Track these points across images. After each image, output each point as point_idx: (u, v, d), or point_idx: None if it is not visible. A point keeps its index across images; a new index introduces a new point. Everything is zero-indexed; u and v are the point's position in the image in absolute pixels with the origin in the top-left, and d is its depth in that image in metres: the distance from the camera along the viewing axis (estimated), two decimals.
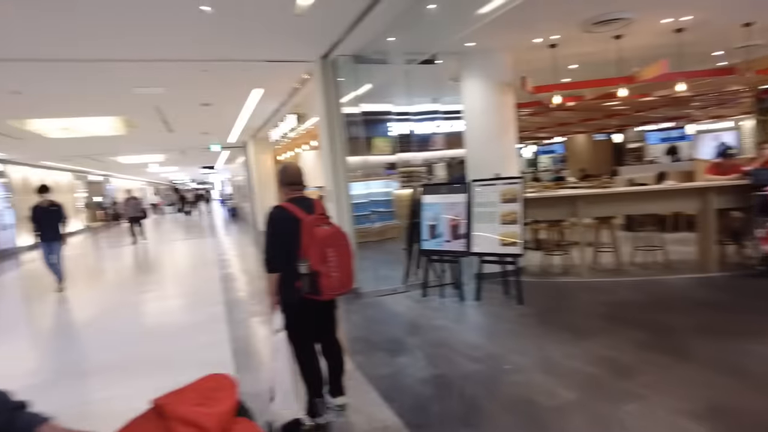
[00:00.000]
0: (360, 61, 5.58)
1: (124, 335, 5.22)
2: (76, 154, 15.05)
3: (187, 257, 11.51)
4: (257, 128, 12.25)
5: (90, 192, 25.92)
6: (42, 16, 3.87)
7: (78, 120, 9.64)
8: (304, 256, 2.65)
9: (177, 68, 5.66)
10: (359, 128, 5.86)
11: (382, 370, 3.70)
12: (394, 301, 5.60)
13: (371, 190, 6.14)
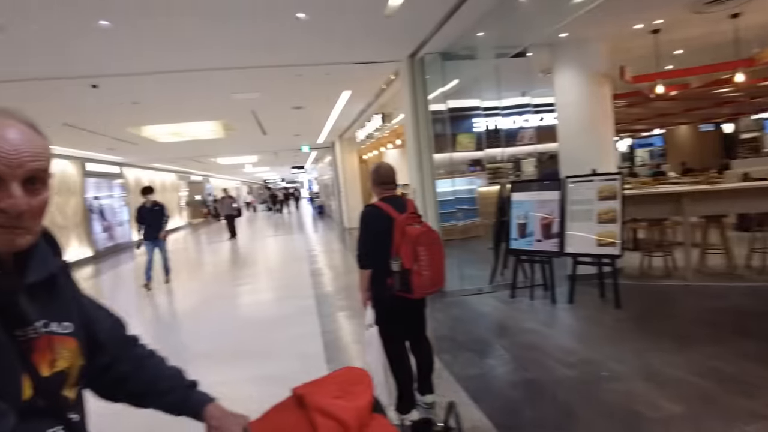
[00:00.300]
0: (447, 57, 5.54)
1: (223, 325, 5.61)
2: (181, 157, 16.40)
3: (278, 252, 12.10)
4: (344, 129, 12.59)
5: (191, 191, 28.14)
6: (155, 33, 4.25)
7: (184, 125, 10.50)
8: (396, 253, 2.69)
9: (272, 74, 5.96)
10: (445, 125, 5.82)
11: (470, 371, 3.66)
12: (479, 302, 5.51)
13: (455, 188, 6.08)
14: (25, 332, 0.86)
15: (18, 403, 0.81)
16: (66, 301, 0.99)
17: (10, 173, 0.80)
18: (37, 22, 3.78)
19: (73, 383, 0.95)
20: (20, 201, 0.81)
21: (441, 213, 6.07)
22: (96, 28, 3.96)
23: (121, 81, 5.64)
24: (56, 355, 0.90)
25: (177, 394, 1.11)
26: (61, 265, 1.00)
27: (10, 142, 0.81)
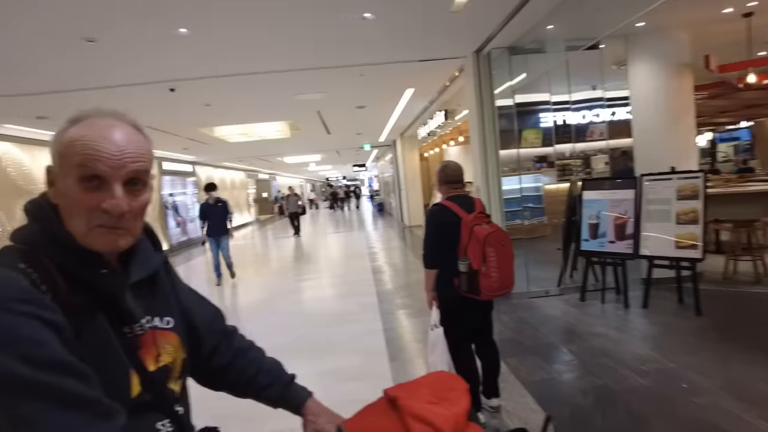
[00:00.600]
0: (515, 52, 5.39)
1: (287, 319, 5.77)
2: (250, 156, 17.04)
3: (340, 249, 12.31)
4: (405, 127, 12.60)
5: (259, 189, 29.25)
6: (227, 38, 4.43)
7: (252, 126, 10.91)
8: (463, 254, 2.65)
9: (337, 74, 6.05)
10: (511, 121, 5.67)
11: (536, 375, 3.55)
12: (546, 304, 5.33)
13: (521, 185, 5.90)
14: (132, 329, 0.88)
15: (127, 400, 0.83)
16: (167, 296, 1.01)
17: (112, 174, 0.81)
18: (123, 33, 4.05)
19: (177, 376, 0.96)
20: (122, 202, 0.81)
21: (506, 211, 5.92)
22: (175, 36, 4.19)
23: (195, 84, 5.93)
24: (160, 350, 0.92)
25: (277, 387, 1.13)
26: (162, 261, 1.01)
27: (115, 143, 0.82)
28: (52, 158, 0.85)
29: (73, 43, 4.12)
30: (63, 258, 0.80)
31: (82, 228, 0.81)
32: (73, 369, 0.72)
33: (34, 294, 0.73)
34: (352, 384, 3.68)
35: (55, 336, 0.72)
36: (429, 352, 2.72)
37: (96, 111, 0.85)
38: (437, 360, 2.65)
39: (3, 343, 0.68)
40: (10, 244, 0.83)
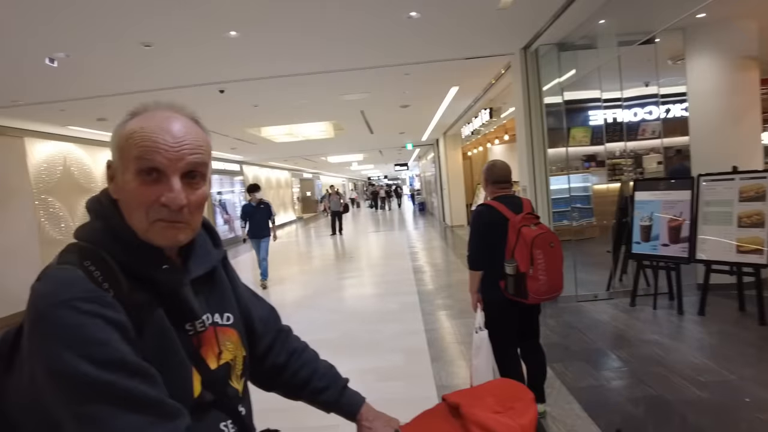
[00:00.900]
0: (564, 48, 5.23)
1: (330, 317, 5.82)
2: (295, 155, 17.35)
3: (381, 248, 12.34)
4: (448, 125, 12.49)
5: (303, 188, 29.77)
6: (275, 39, 4.51)
7: (298, 126, 11.10)
8: (510, 256, 2.60)
9: (381, 74, 6.06)
10: (559, 119, 5.52)
11: (583, 382, 3.44)
12: (595, 308, 5.16)
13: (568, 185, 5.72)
14: (194, 326, 0.86)
15: (190, 400, 0.81)
16: (226, 292, 0.99)
17: (170, 166, 0.80)
18: (177, 37, 4.20)
19: (238, 375, 0.95)
20: (180, 195, 0.80)
21: (554, 212, 5.78)
22: (225, 39, 4.30)
23: (243, 86, 6.09)
24: (221, 347, 0.90)
25: (332, 392, 1.10)
26: (222, 257, 1.00)
27: (173, 135, 0.80)
28: (112, 153, 0.84)
29: (132, 48, 4.31)
30: (124, 255, 0.80)
31: (142, 223, 0.81)
32: (137, 369, 0.71)
33: (98, 292, 0.73)
34: (394, 383, 3.68)
35: (119, 335, 0.71)
36: (474, 355, 2.67)
37: (155, 104, 0.85)
38: (482, 363, 2.60)
39: (68, 342, 0.67)
40: (74, 242, 0.83)
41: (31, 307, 0.71)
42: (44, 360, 0.68)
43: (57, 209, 8.17)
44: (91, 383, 0.67)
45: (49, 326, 0.68)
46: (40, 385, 0.69)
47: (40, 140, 7.87)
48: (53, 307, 0.69)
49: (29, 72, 4.74)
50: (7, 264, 7.02)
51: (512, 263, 2.58)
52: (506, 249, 2.63)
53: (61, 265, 0.76)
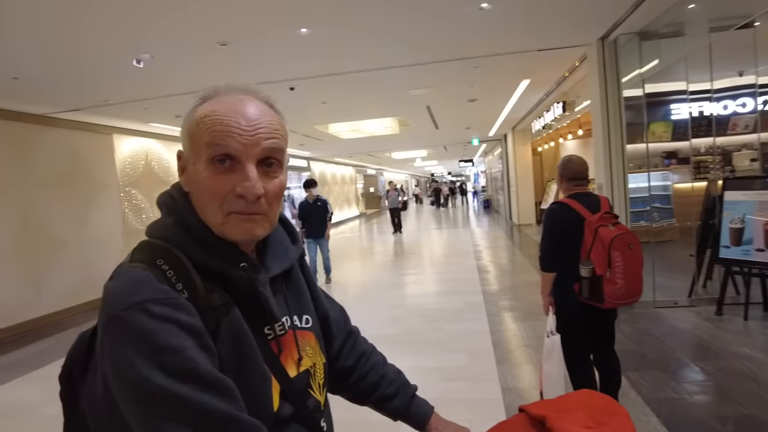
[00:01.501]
0: (646, 37, 4.89)
1: (392, 313, 5.81)
2: (359, 152, 17.56)
3: (445, 246, 12.21)
4: (518, 120, 12.13)
5: (366, 184, 30.14)
6: (345, 36, 4.55)
7: (363, 122, 11.20)
8: (586, 257, 2.46)
9: (449, 67, 5.97)
10: (638, 113, 5.17)
11: (662, 394, 3.21)
12: (675, 316, 4.81)
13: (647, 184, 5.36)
14: (273, 329, 0.79)
15: (270, 415, 0.74)
16: (304, 293, 0.92)
17: (245, 153, 0.73)
18: (251, 36, 4.34)
19: (319, 384, 0.87)
20: (257, 184, 0.73)
21: (631, 212, 5.44)
22: (297, 36, 4.39)
23: (313, 83, 6.20)
24: (301, 353, 0.83)
25: (401, 400, 1.03)
26: (300, 254, 0.93)
27: (248, 118, 0.74)
28: (182, 142, 0.78)
29: (208, 47, 4.50)
30: (199, 252, 0.74)
31: (216, 216, 0.74)
32: (212, 381, 0.65)
33: (171, 294, 0.68)
34: (457, 384, 3.62)
35: (193, 341, 0.66)
36: (544, 360, 2.56)
37: (226, 87, 0.79)
38: (553, 369, 2.49)
39: (139, 350, 0.63)
40: (146, 239, 0.78)
41: (103, 308, 0.67)
42: (115, 367, 0.64)
43: (139, 201, 8.76)
44: (162, 396, 0.62)
45: (120, 331, 0.64)
46: (112, 389, 0.66)
47: (125, 136, 8.45)
48: (125, 310, 0.64)
49: (119, 73, 5.08)
50: (95, 252, 7.61)
51: (588, 265, 2.43)
52: (581, 250, 2.49)
53: (133, 264, 0.72)
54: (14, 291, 6.21)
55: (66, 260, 7.06)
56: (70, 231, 7.16)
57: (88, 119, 7.32)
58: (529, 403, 0.85)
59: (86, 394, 0.74)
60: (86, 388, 0.74)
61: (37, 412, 3.73)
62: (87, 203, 7.51)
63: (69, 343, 0.84)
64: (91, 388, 0.72)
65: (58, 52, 4.31)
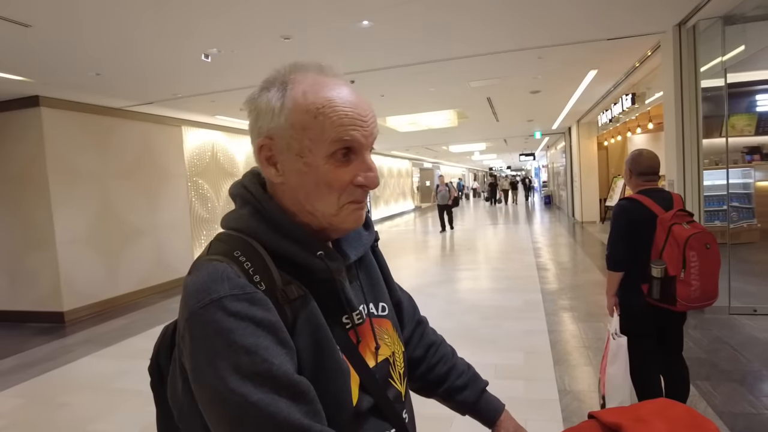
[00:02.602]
0: (731, 21, 4.50)
1: (447, 307, 5.78)
2: (416, 144, 17.48)
3: (502, 242, 11.95)
4: (583, 112, 11.64)
5: (422, 177, 30.02)
6: (407, 27, 4.51)
7: (421, 115, 11.13)
8: (657, 257, 2.33)
9: (512, 58, 5.79)
10: (718, 105, 4.80)
11: (737, 407, 2.98)
12: (753, 324, 4.46)
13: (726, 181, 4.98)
14: (351, 318, 0.77)
15: (349, 410, 0.72)
16: (378, 279, 0.90)
17: (366, 144, 0.73)
18: (315, 29, 4.40)
19: (400, 374, 0.84)
20: (377, 173, 0.74)
21: (706, 211, 5.08)
22: (358, 29, 4.41)
23: (372, 75, 6.21)
24: (379, 342, 0.80)
25: (471, 393, 0.99)
26: (374, 240, 0.90)
27: (362, 108, 0.73)
28: (274, 132, 0.73)
29: (272, 41, 4.61)
30: (278, 241, 0.73)
31: (331, 207, 0.73)
32: (286, 385, 0.64)
33: (248, 288, 0.66)
34: (513, 382, 3.54)
35: (270, 339, 0.65)
36: (609, 363, 2.44)
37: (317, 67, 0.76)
38: (619, 373, 2.37)
39: (216, 349, 0.62)
40: (222, 231, 0.77)
41: (183, 304, 0.68)
42: (192, 365, 0.65)
43: (205, 191, 9.17)
44: (235, 402, 0.61)
45: (198, 329, 0.64)
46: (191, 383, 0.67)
47: (193, 128, 8.86)
48: (203, 308, 0.64)
49: (188, 67, 5.32)
50: (166, 238, 8.06)
51: (660, 264, 2.30)
52: (653, 249, 2.36)
53: (211, 257, 0.71)
54: (93, 273, 6.69)
55: (139, 245, 7.52)
56: (142, 218, 7.62)
57: (159, 112, 7.73)
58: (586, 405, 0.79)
59: (169, 385, 0.76)
60: (170, 379, 0.76)
61: (109, 386, 4.00)
62: (157, 192, 7.96)
63: (141, 322, 0.88)
64: (173, 379, 0.74)
65: (135, 49, 4.57)
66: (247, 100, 0.78)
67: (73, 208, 6.44)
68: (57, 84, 5.60)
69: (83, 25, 3.88)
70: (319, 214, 0.74)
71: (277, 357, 0.64)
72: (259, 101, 0.75)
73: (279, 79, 0.75)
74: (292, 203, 0.75)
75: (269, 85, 0.75)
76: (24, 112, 6.10)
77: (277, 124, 0.72)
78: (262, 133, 0.74)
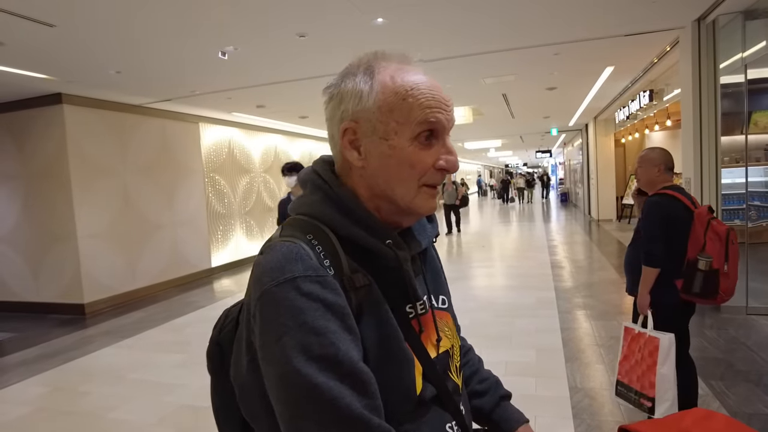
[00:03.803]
0: (753, 16, 4.42)
1: (460, 304, 5.78)
2: None
3: (516, 240, 11.88)
4: (600, 109, 11.51)
5: None
6: (422, 26, 4.53)
7: None
8: (700, 251, 2.38)
9: (528, 55, 5.76)
10: (738, 101, 4.72)
11: (752, 407, 2.96)
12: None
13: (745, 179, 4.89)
14: (415, 308, 0.77)
15: (413, 398, 0.72)
16: (439, 272, 0.90)
17: (447, 127, 0.74)
18: (329, 27, 4.43)
19: (457, 367, 0.84)
20: (457, 158, 0.75)
21: (724, 209, 5.01)
22: (373, 26, 4.44)
23: None
24: (440, 333, 0.80)
25: (492, 398, 0.97)
26: (436, 233, 0.90)
27: (444, 94, 0.74)
28: (360, 115, 0.74)
29: (288, 39, 4.66)
30: (350, 227, 0.73)
31: (410, 191, 0.74)
32: (350, 371, 0.64)
33: (320, 271, 0.67)
34: (525, 379, 3.55)
35: (338, 323, 0.65)
36: (660, 363, 2.40)
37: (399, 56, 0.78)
38: (670, 372, 2.37)
39: (288, 327, 0.63)
40: (294, 216, 0.78)
41: (255, 283, 0.68)
42: (263, 342, 0.66)
43: (222, 186, 9.29)
44: (299, 383, 0.62)
45: (271, 307, 0.65)
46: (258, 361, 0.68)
47: (210, 125, 8.98)
48: (277, 286, 0.65)
49: (206, 65, 5.40)
50: (183, 233, 8.20)
51: (707, 258, 2.33)
52: (690, 244, 2.40)
53: (285, 238, 0.71)
54: (113, 266, 6.85)
55: (158, 240, 7.66)
56: (161, 213, 7.77)
57: (178, 108, 7.85)
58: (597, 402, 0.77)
59: (233, 365, 0.76)
60: (233, 359, 0.76)
61: (128, 376, 4.11)
62: (175, 187, 8.09)
63: (159, 314, 0.90)
64: (238, 359, 0.74)
65: (155, 48, 4.66)
66: (328, 87, 0.79)
67: (94, 203, 6.59)
68: (79, 82, 5.74)
69: (105, 24, 3.97)
70: (398, 197, 0.74)
71: (343, 342, 0.64)
72: (343, 86, 0.76)
73: (363, 65, 0.76)
74: (367, 188, 0.76)
75: (353, 71, 0.77)
76: (47, 110, 6.26)
77: (364, 107, 0.73)
78: (347, 116, 0.75)
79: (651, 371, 2.41)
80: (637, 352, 2.49)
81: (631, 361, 2.53)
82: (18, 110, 6.40)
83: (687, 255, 2.40)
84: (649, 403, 2.40)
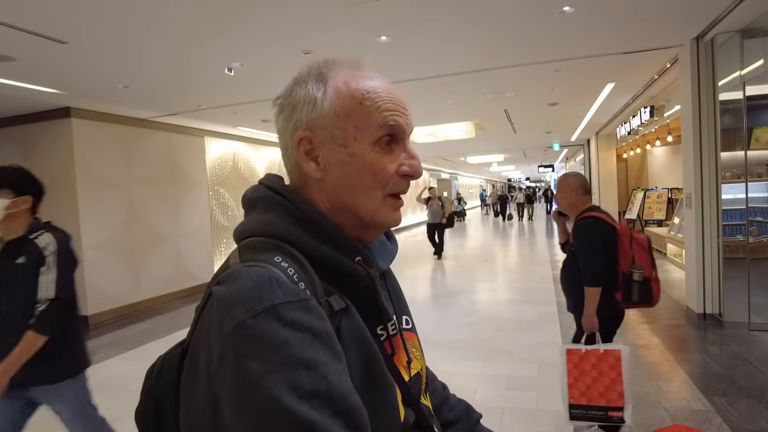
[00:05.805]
0: (750, 35, 4.49)
1: (462, 318, 5.78)
2: (434, 155, 17.53)
3: (518, 255, 11.88)
4: (602, 125, 11.58)
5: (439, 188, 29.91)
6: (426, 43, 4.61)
7: (439, 126, 11.20)
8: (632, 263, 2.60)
9: (529, 72, 5.84)
10: (737, 117, 4.78)
11: (755, 424, 2.96)
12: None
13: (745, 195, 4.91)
14: (386, 329, 0.71)
15: (399, 425, 0.66)
16: (400, 292, 0.85)
17: (407, 131, 0.71)
18: (334, 44, 4.51)
19: (424, 389, 0.78)
20: (420, 162, 0.71)
21: (725, 225, 5.03)
22: (377, 44, 4.52)
23: None
24: (410, 355, 0.74)
25: (466, 425, 0.91)
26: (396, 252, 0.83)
27: (401, 98, 0.70)
28: (311, 122, 0.69)
29: (293, 55, 4.75)
30: (318, 246, 0.66)
31: (375, 201, 0.69)
32: (343, 409, 0.55)
33: (301, 295, 0.58)
34: (526, 393, 3.54)
35: (327, 353, 0.56)
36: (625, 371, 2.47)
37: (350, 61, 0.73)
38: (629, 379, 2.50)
39: (270, 364, 0.53)
40: (250, 239, 0.68)
41: (223, 318, 0.56)
42: (236, 386, 0.54)
43: (226, 200, 9.36)
44: (292, 423, 0.52)
45: (246, 343, 0.54)
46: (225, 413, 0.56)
47: (215, 139, 9.08)
48: (253, 318, 0.55)
49: (212, 80, 5.49)
50: (187, 245, 8.25)
51: (639, 269, 2.57)
52: (621, 258, 2.61)
53: (250, 263, 0.61)
54: (117, 278, 6.89)
55: (162, 252, 7.71)
56: (165, 225, 7.82)
57: (184, 122, 7.95)
58: None
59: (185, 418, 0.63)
60: (183, 414, 0.64)
61: (128, 388, 4.12)
62: (180, 200, 8.16)
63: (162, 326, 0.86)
64: (189, 414, 0.62)
65: (162, 63, 4.76)
66: (278, 98, 0.74)
67: (100, 215, 6.65)
68: (87, 96, 5.84)
69: (114, 41, 4.07)
70: (362, 209, 0.69)
71: (335, 375, 0.56)
72: (294, 94, 0.71)
73: (314, 72, 0.71)
74: (327, 202, 0.70)
75: (303, 79, 0.72)
76: (56, 123, 6.36)
77: (320, 114, 0.68)
78: (301, 125, 0.70)
79: (617, 382, 2.47)
80: (591, 370, 2.51)
81: (586, 380, 2.53)
82: (27, 123, 6.50)
83: (620, 268, 2.61)
84: (619, 413, 2.45)
